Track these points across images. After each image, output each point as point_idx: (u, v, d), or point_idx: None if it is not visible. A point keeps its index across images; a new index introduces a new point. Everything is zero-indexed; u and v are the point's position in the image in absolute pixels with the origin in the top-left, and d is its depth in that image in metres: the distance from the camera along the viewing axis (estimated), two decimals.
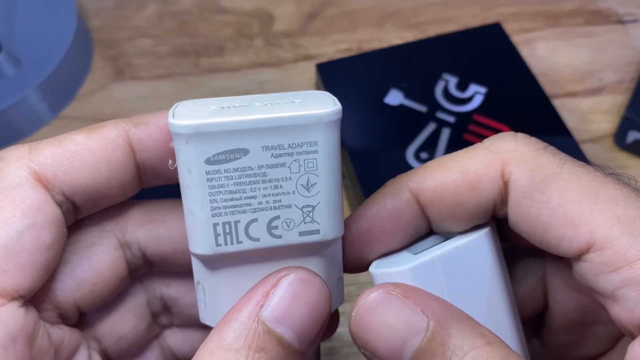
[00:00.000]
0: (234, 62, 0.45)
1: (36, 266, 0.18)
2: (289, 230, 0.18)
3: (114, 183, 0.19)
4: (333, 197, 0.18)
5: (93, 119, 0.43)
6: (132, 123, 0.19)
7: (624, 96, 0.42)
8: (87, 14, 0.49)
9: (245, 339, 0.17)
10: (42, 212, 0.18)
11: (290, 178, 0.17)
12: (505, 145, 0.19)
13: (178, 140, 0.17)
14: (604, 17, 0.46)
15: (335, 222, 0.18)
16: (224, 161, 0.17)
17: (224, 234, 0.17)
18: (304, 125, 0.17)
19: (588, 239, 0.17)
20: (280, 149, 0.17)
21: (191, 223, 0.18)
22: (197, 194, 0.17)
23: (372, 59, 0.40)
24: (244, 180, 0.17)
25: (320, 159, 0.17)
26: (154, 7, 0.49)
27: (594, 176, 0.17)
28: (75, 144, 0.18)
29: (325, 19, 0.47)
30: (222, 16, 0.48)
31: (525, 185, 0.18)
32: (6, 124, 0.41)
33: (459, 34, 0.41)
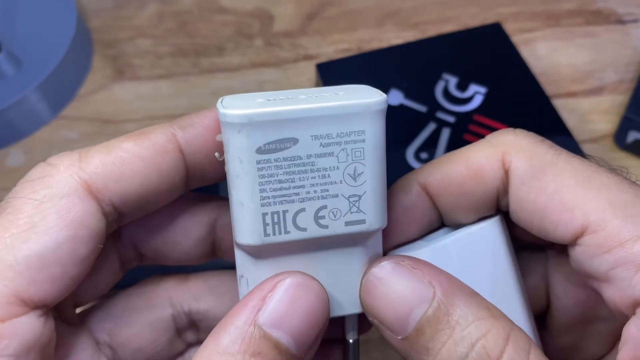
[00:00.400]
0: (234, 62, 0.45)
1: (66, 278, 0.17)
2: (335, 220, 0.18)
3: (162, 189, 0.19)
4: (379, 186, 0.18)
5: (93, 119, 0.43)
6: (179, 126, 0.19)
7: (624, 96, 0.42)
8: (87, 14, 0.49)
9: (242, 344, 0.17)
10: (85, 225, 0.18)
11: (337, 167, 0.18)
12: (505, 138, 0.20)
13: (230, 129, 0.17)
14: (604, 17, 0.46)
15: (380, 212, 0.18)
16: (274, 150, 0.17)
17: (272, 224, 0.18)
18: (352, 114, 0.17)
19: (582, 222, 0.17)
20: (328, 138, 0.17)
21: (240, 213, 0.18)
22: (248, 184, 0.17)
23: (372, 59, 0.40)
24: (293, 170, 0.17)
25: (367, 148, 0.18)
26: (154, 7, 0.49)
27: (588, 165, 0.19)
28: (125, 152, 0.18)
29: (325, 19, 0.47)
30: (222, 16, 0.48)
31: (523, 172, 0.19)
32: (6, 124, 0.41)
33: (459, 34, 0.41)
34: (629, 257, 0.17)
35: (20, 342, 0.17)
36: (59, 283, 0.17)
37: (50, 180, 0.18)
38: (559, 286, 0.21)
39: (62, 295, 0.18)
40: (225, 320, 0.17)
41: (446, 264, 0.19)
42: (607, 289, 0.17)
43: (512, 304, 0.20)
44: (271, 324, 0.17)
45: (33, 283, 0.17)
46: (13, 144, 0.42)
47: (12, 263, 0.17)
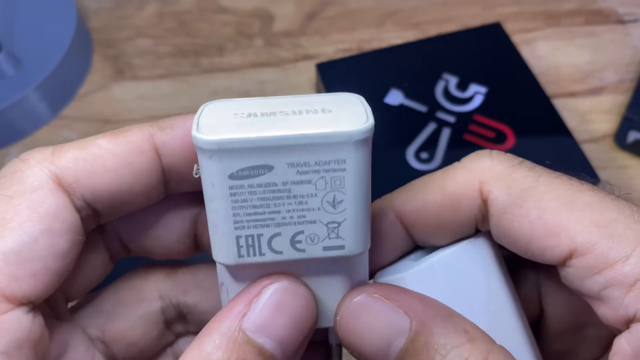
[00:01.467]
0: (233, 62, 0.45)
1: (49, 273, 0.17)
2: (312, 245, 0.18)
3: (137, 189, 0.19)
4: (360, 213, 0.17)
5: (93, 118, 0.43)
6: (158, 126, 0.19)
7: (624, 96, 0.42)
8: (87, 13, 0.49)
9: (225, 350, 0.16)
10: (60, 218, 0.17)
11: (315, 195, 0.17)
12: (481, 164, 0.19)
13: (201, 154, 0.17)
14: (605, 17, 0.46)
15: (361, 237, 0.18)
16: (247, 177, 0.17)
17: (246, 246, 0.17)
18: (331, 144, 0.16)
19: (569, 246, 0.17)
20: (306, 166, 0.17)
21: (214, 234, 0.17)
22: (220, 208, 0.17)
23: (372, 59, 0.39)
24: (268, 196, 0.17)
25: (348, 177, 0.17)
26: (154, 7, 0.49)
27: (569, 185, 0.18)
28: (98, 147, 0.18)
29: (325, 18, 0.47)
30: (222, 16, 0.48)
31: (503, 201, 0.18)
32: (6, 123, 0.41)
33: (459, 34, 0.41)
34: (619, 278, 0.16)
35: (10, 339, 0.16)
36: (41, 278, 0.17)
37: (21, 176, 0.17)
38: (551, 295, 0.21)
39: (47, 290, 0.17)
40: (210, 326, 0.17)
41: (433, 284, 0.19)
42: (600, 306, 0.17)
43: (505, 317, 0.20)
44: (256, 329, 0.17)
45: (14, 279, 0.17)
46: (13, 144, 0.42)
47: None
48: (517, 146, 0.35)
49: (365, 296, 0.18)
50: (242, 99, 0.19)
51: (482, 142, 0.35)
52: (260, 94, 0.43)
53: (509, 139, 0.35)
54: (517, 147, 0.35)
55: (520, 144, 0.35)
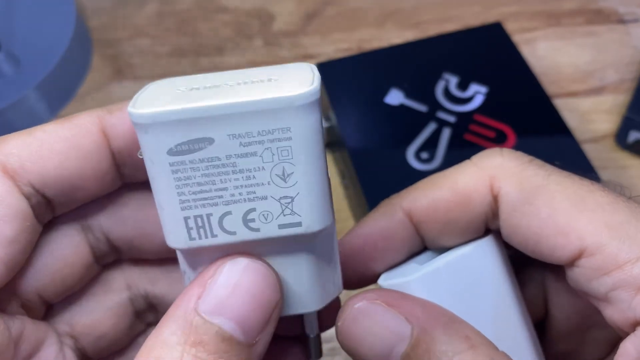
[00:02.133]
0: (233, 62, 0.45)
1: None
2: (267, 223, 0.16)
3: (87, 173, 0.18)
4: (314, 186, 0.16)
5: None
6: (107, 110, 0.18)
7: (625, 96, 0.42)
8: (87, 13, 0.49)
9: (182, 334, 0.16)
10: (5, 204, 0.17)
11: (263, 168, 0.16)
12: (492, 161, 0.19)
13: (138, 130, 0.16)
14: (605, 17, 0.46)
15: (319, 212, 0.17)
16: (187, 152, 0.16)
17: (196, 228, 0.16)
18: (273, 110, 0.15)
19: (579, 245, 0.17)
20: (249, 137, 0.16)
21: (162, 217, 0.17)
22: (163, 187, 0.16)
23: (372, 58, 0.39)
24: (212, 172, 0.16)
25: (296, 146, 0.16)
26: (154, 6, 0.49)
27: (580, 185, 0.18)
28: (44, 132, 0.18)
29: (325, 18, 0.47)
30: (222, 16, 0.48)
31: (514, 198, 0.18)
32: (5, 123, 0.41)
33: (459, 34, 0.41)
34: (628, 280, 0.16)
35: None
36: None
37: None
38: (557, 295, 0.21)
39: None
40: (167, 312, 0.16)
41: (439, 289, 0.19)
42: (607, 308, 0.17)
43: (510, 319, 0.20)
44: (212, 310, 0.16)
45: None
46: None
47: None
48: (518, 146, 0.35)
49: (366, 302, 0.18)
50: (190, 76, 0.18)
51: (483, 142, 0.35)
52: None
53: (510, 138, 0.35)
54: (517, 147, 0.35)
55: (520, 144, 0.35)
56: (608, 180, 0.20)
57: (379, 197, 0.33)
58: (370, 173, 0.34)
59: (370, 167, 0.34)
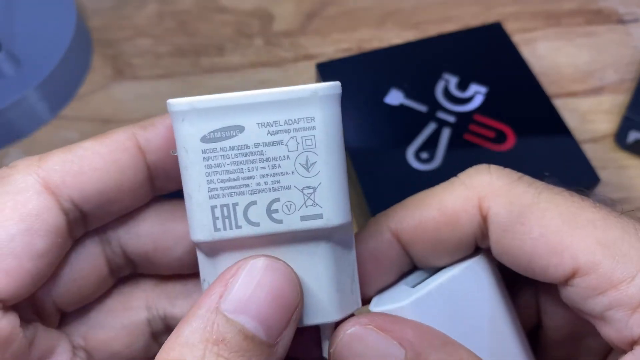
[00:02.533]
0: (233, 62, 0.45)
1: (23, 272, 0.17)
2: (289, 214, 0.17)
3: (124, 187, 0.19)
4: (335, 178, 0.17)
5: (93, 118, 0.43)
6: (140, 126, 0.19)
7: (624, 96, 0.42)
8: (87, 13, 0.49)
9: (204, 332, 0.16)
10: (41, 218, 0.18)
11: (288, 157, 0.17)
12: (480, 180, 0.19)
13: (175, 118, 0.17)
14: (605, 17, 0.46)
15: (339, 206, 0.17)
16: (219, 139, 0.17)
17: (222, 218, 0.17)
18: (299, 100, 0.16)
19: (572, 265, 0.17)
20: (276, 125, 0.17)
21: (190, 208, 0.17)
22: (194, 174, 0.17)
23: (372, 58, 0.39)
24: (240, 159, 0.17)
25: (319, 135, 0.17)
26: (154, 6, 0.49)
27: (571, 202, 0.18)
28: (84, 149, 0.19)
29: (325, 18, 0.47)
30: (222, 16, 0.48)
31: (504, 218, 0.18)
32: (5, 123, 0.41)
33: (459, 34, 0.41)
34: (623, 299, 0.16)
35: None
36: (14, 277, 0.17)
37: (9, 179, 0.18)
38: (549, 306, 0.21)
39: (20, 290, 0.17)
40: (190, 311, 0.17)
41: (432, 312, 0.19)
42: (603, 326, 0.17)
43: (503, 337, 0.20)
44: (234, 309, 0.16)
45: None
46: (12, 144, 0.42)
47: None
48: (518, 146, 0.35)
49: (358, 327, 0.18)
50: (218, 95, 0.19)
51: (483, 142, 0.35)
52: None
53: (509, 138, 0.35)
54: (517, 147, 0.35)
55: (520, 144, 0.35)
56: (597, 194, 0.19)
57: (378, 196, 0.33)
58: (370, 173, 0.34)
59: (370, 167, 0.34)
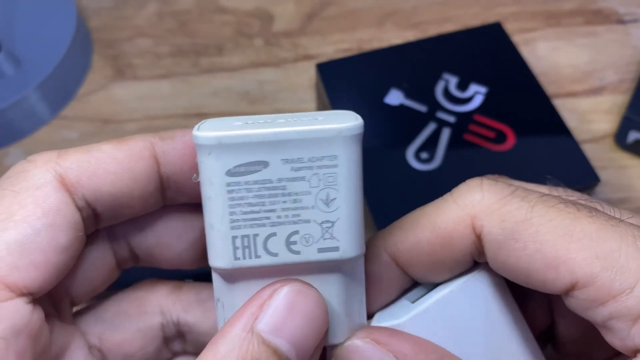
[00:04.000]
0: (233, 62, 0.45)
1: (49, 266, 0.18)
2: (307, 246, 0.18)
3: (136, 193, 0.19)
4: (353, 213, 0.18)
5: (93, 118, 0.43)
6: (159, 137, 0.20)
7: (624, 96, 0.42)
8: (87, 13, 0.49)
9: (239, 351, 0.16)
10: (62, 214, 0.18)
11: (309, 192, 0.17)
12: (471, 198, 0.19)
13: (201, 151, 0.17)
14: (605, 17, 0.46)
15: (355, 239, 0.18)
16: (244, 173, 0.17)
17: (242, 248, 0.18)
18: (323, 139, 0.17)
19: (570, 279, 0.17)
20: (300, 162, 0.17)
21: (211, 236, 0.18)
22: (218, 206, 0.17)
23: (372, 58, 0.39)
24: (263, 193, 0.17)
25: (340, 173, 0.17)
26: (154, 6, 0.49)
27: (566, 214, 0.17)
28: (101, 152, 0.19)
29: (325, 18, 0.47)
30: (222, 16, 0.48)
31: (497, 237, 0.18)
32: (6, 123, 0.41)
33: (459, 34, 0.41)
34: (623, 311, 0.16)
35: (8, 325, 0.17)
36: (42, 270, 0.18)
37: (27, 174, 0.18)
38: (560, 308, 0.21)
39: (46, 283, 0.18)
40: (223, 329, 0.17)
41: (432, 327, 0.19)
42: (606, 334, 0.17)
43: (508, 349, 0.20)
44: (270, 330, 0.17)
45: (16, 269, 0.17)
46: (13, 144, 0.42)
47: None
48: (518, 146, 0.35)
49: (356, 340, 0.18)
50: (239, 116, 0.19)
51: (482, 142, 0.35)
52: (260, 93, 0.43)
53: (509, 139, 0.35)
54: (517, 147, 0.35)
55: (520, 144, 0.35)
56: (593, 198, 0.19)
57: (378, 197, 0.33)
58: (370, 173, 0.34)
59: (370, 167, 0.34)
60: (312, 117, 0.18)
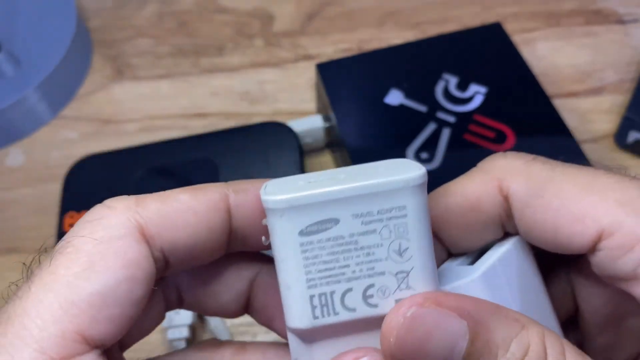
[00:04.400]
0: (233, 62, 0.45)
1: (124, 319, 0.18)
2: (384, 298, 0.18)
3: (208, 245, 0.19)
4: (426, 260, 0.18)
5: (92, 118, 0.43)
6: (233, 189, 0.19)
7: (624, 96, 0.42)
8: (87, 14, 0.49)
9: None
10: (141, 267, 0.18)
11: (381, 244, 0.18)
12: (497, 164, 0.20)
13: (272, 214, 0.17)
14: (604, 17, 0.46)
15: (430, 285, 0.18)
16: (316, 232, 0.17)
17: (320, 306, 0.18)
18: (391, 191, 0.17)
19: (596, 228, 0.17)
20: (369, 215, 0.17)
21: (288, 297, 0.18)
22: (293, 266, 0.18)
23: (372, 59, 0.39)
24: (336, 250, 0.18)
25: (410, 223, 0.18)
26: (154, 7, 0.49)
27: (585, 171, 0.19)
28: (179, 202, 0.19)
29: (325, 18, 0.47)
30: (222, 16, 0.48)
31: (523, 195, 0.19)
32: (6, 123, 0.41)
33: (459, 34, 0.41)
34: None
35: None
36: (117, 323, 0.17)
37: (108, 222, 0.18)
38: (584, 289, 0.21)
39: (118, 336, 0.18)
40: None
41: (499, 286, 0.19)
42: (636, 286, 0.17)
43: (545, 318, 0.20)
44: None
45: (95, 322, 0.17)
46: (13, 144, 0.42)
47: (76, 301, 0.17)
48: (517, 146, 0.35)
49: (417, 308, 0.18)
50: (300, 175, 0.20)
51: (482, 142, 0.35)
52: (261, 93, 0.43)
53: (509, 139, 0.35)
54: (517, 147, 0.35)
55: (520, 144, 0.35)
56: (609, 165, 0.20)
57: None
58: None
59: None
60: (373, 169, 0.19)
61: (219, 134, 0.37)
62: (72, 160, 0.38)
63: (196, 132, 0.38)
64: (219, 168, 0.36)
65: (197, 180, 0.35)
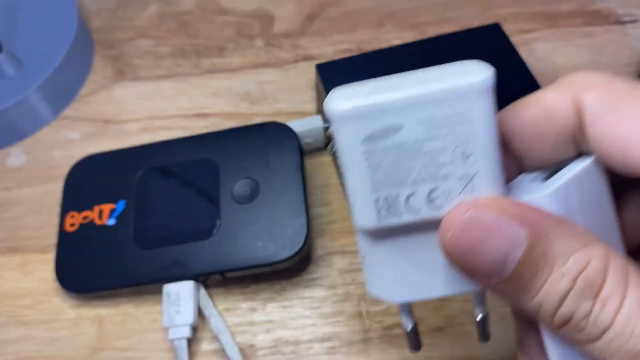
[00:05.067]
0: (234, 63, 0.45)
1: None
2: (448, 201, 0.18)
3: None
4: (491, 166, 0.18)
5: (94, 119, 0.43)
6: None
7: None
8: (88, 14, 0.49)
9: None
10: None
11: (445, 149, 0.18)
12: (576, 77, 0.20)
13: (336, 121, 0.18)
14: (603, 18, 0.46)
15: (495, 191, 0.18)
16: (379, 138, 0.18)
17: (385, 208, 0.18)
18: (455, 97, 0.17)
19: None
20: (433, 121, 0.17)
21: (354, 199, 0.18)
22: (357, 172, 0.18)
23: (372, 59, 0.40)
24: (400, 155, 0.18)
25: (475, 128, 0.18)
26: (155, 7, 0.49)
27: None
28: None
29: (325, 19, 0.47)
30: (223, 17, 0.48)
31: (596, 107, 0.18)
32: (7, 124, 0.41)
33: (458, 34, 0.41)
34: None
35: None
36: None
37: None
38: None
39: None
40: None
41: (570, 204, 0.18)
42: None
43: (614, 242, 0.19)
44: None
45: None
46: (14, 144, 0.42)
47: None
48: None
49: (476, 211, 0.17)
50: (365, 81, 0.20)
51: None
52: (261, 94, 0.43)
53: None
54: None
55: None
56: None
57: None
58: None
59: None
60: (442, 72, 0.18)
61: (219, 134, 0.37)
62: (73, 160, 0.38)
63: (197, 132, 0.38)
64: (219, 168, 0.36)
65: (198, 180, 0.36)
